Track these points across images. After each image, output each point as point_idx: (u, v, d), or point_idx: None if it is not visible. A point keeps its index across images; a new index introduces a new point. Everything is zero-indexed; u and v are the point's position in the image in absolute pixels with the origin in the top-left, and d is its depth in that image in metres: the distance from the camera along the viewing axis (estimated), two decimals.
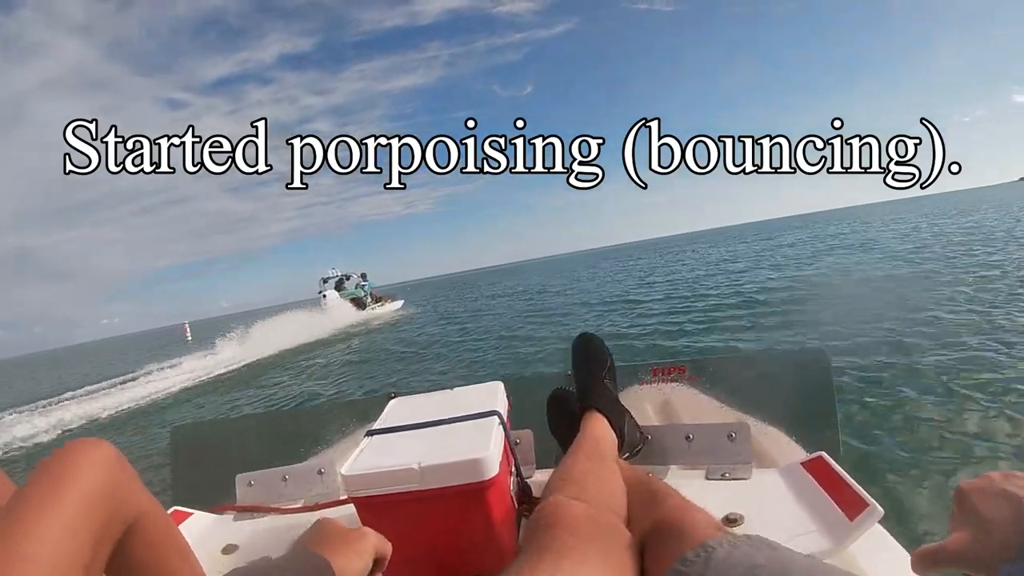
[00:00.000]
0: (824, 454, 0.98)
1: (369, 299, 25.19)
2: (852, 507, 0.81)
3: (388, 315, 22.38)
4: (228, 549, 1.10)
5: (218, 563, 1.05)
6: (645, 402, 1.39)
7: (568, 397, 1.21)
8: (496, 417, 0.96)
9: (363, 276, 27.46)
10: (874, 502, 0.78)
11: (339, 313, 21.10)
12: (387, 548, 0.66)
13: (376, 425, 1.04)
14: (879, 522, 0.78)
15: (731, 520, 0.88)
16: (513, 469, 1.01)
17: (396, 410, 1.11)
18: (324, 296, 24.46)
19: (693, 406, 1.36)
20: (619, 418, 1.11)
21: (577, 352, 1.27)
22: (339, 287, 26.34)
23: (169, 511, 1.21)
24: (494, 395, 1.08)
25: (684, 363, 1.40)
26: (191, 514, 1.24)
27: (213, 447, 1.62)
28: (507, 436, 0.99)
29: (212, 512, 1.29)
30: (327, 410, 1.62)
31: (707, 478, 1.08)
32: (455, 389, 1.20)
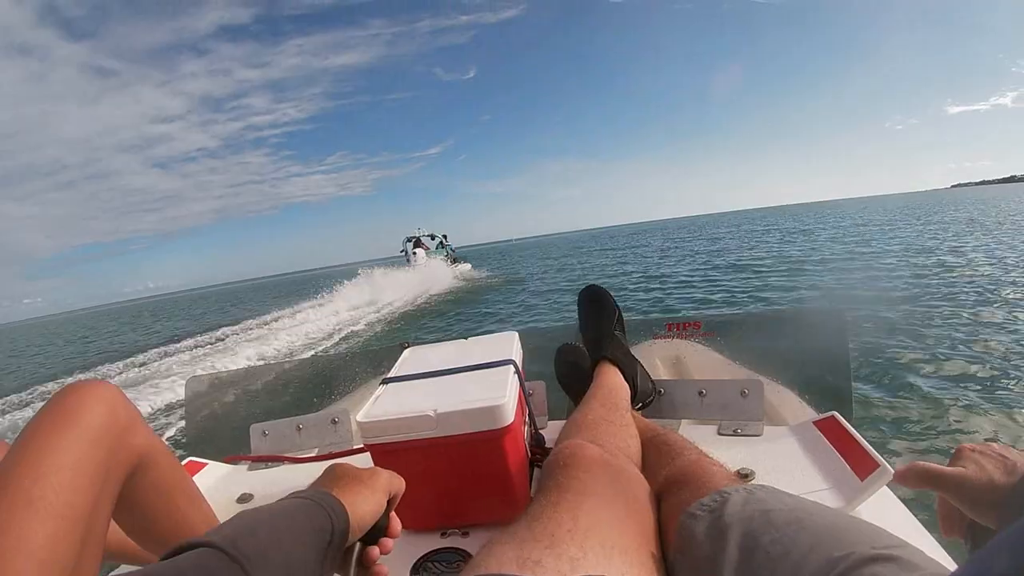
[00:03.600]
0: (836, 414, 0.98)
1: (449, 258, 26.92)
2: (863, 467, 0.81)
3: (467, 272, 24.06)
4: (243, 498, 1.12)
5: (233, 512, 1.06)
6: (658, 357, 1.39)
7: (576, 350, 1.21)
8: (512, 366, 0.96)
9: (445, 237, 29.66)
10: (885, 462, 0.78)
11: (433, 270, 22.14)
12: (400, 485, 0.64)
13: (391, 374, 1.04)
14: (887, 484, 0.78)
15: (743, 475, 0.88)
16: (527, 419, 1.01)
17: (411, 359, 1.11)
18: (414, 254, 26.03)
19: (707, 362, 1.35)
20: (631, 368, 1.11)
21: (585, 304, 1.26)
22: (417, 246, 27.69)
23: (184, 462, 1.23)
24: (510, 345, 1.08)
25: (699, 319, 1.39)
26: (206, 464, 1.26)
27: (228, 398, 1.63)
28: (522, 386, 0.99)
29: (226, 462, 1.31)
30: (340, 360, 1.62)
31: (719, 433, 1.08)
32: (469, 339, 1.19)
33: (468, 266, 26.41)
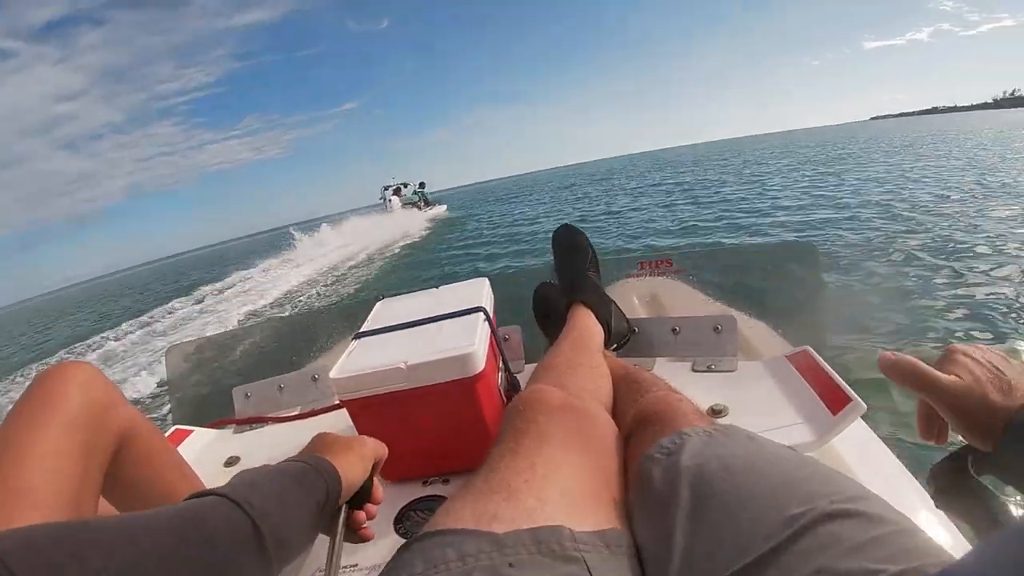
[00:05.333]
0: (809, 348, 0.98)
1: (422, 203, 29.12)
2: (836, 401, 0.81)
3: (442, 214, 26.45)
4: (230, 462, 1.13)
5: (221, 476, 1.08)
6: (632, 295, 1.39)
7: (553, 290, 1.20)
8: (481, 313, 0.96)
9: (421, 184, 31.82)
10: (857, 397, 0.78)
11: (404, 215, 24.58)
12: (384, 452, 0.67)
13: (363, 327, 1.03)
14: (861, 417, 0.78)
15: (716, 411, 0.90)
16: (501, 364, 1.02)
17: (383, 311, 1.11)
18: (389, 201, 28.62)
19: (680, 299, 1.36)
20: (605, 309, 1.10)
21: (558, 245, 1.24)
22: (396, 193, 30.26)
23: (170, 431, 1.23)
24: (479, 292, 1.07)
25: (671, 256, 1.38)
26: (191, 431, 1.26)
27: (208, 363, 1.63)
28: (494, 332, 0.99)
29: (212, 427, 1.31)
30: (317, 316, 1.61)
31: (693, 370, 1.09)
32: (440, 288, 1.19)
33: (443, 207, 28.49)
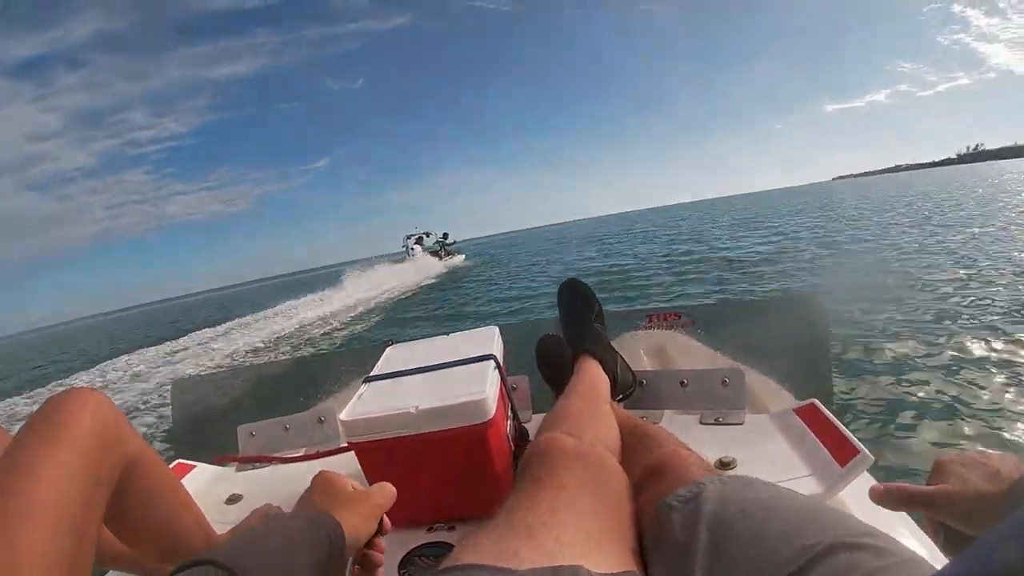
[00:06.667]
0: (816, 401, 0.99)
1: (443, 252, 30.90)
2: (843, 453, 0.81)
3: (460, 263, 28.20)
4: (232, 499, 1.12)
5: (223, 513, 1.07)
6: (640, 347, 1.40)
7: (558, 342, 1.21)
8: (492, 361, 0.97)
9: (444, 235, 33.96)
10: (865, 449, 0.78)
11: (427, 262, 26.56)
12: (392, 497, 0.65)
13: (374, 372, 1.04)
14: (868, 470, 0.79)
15: (724, 464, 0.90)
16: (510, 413, 1.02)
17: (393, 357, 1.12)
18: (413, 250, 30.98)
19: (688, 352, 1.37)
20: (611, 361, 1.11)
21: (564, 298, 1.26)
22: (419, 242, 32.75)
23: (173, 464, 1.23)
24: (490, 340, 1.09)
25: (680, 310, 1.40)
26: (195, 466, 1.26)
27: (214, 400, 1.63)
28: (503, 380, 1.00)
29: (215, 464, 1.31)
30: (326, 359, 1.62)
31: (701, 423, 1.10)
32: (451, 335, 1.20)
33: (461, 257, 30.09)
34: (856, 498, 0.79)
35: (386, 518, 0.65)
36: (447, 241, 33.34)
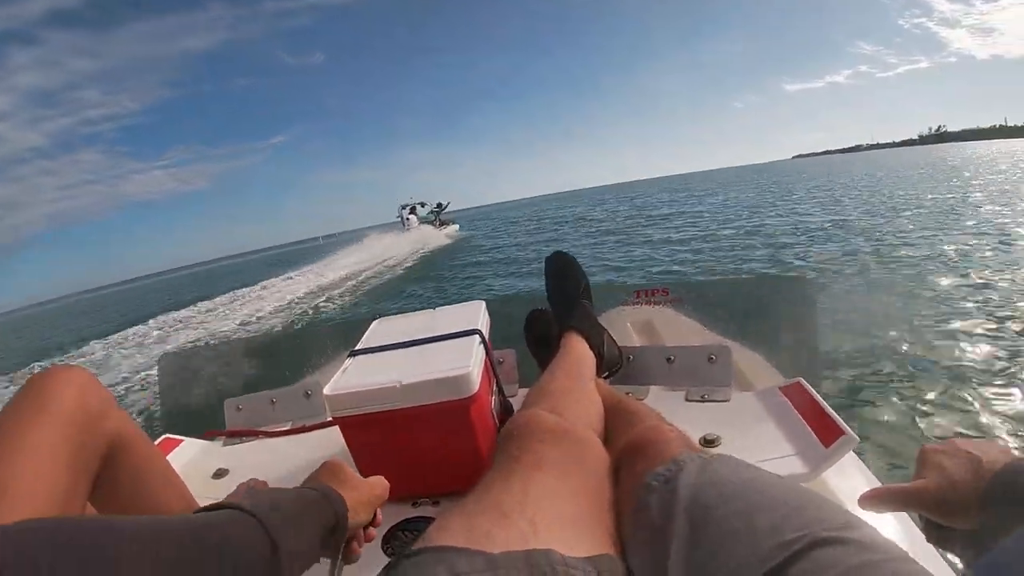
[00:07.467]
0: (802, 380, 0.99)
1: (437, 223, 30.29)
2: (828, 434, 0.81)
3: (455, 233, 28.08)
4: (219, 473, 1.12)
5: (209, 487, 1.07)
6: (627, 323, 1.40)
7: (546, 317, 1.20)
8: (477, 336, 0.96)
9: (439, 204, 33.24)
10: (850, 430, 0.78)
11: (424, 232, 26.41)
12: (386, 495, 0.69)
13: (359, 346, 1.04)
14: (853, 451, 0.79)
15: (709, 441, 0.90)
16: (495, 387, 1.02)
17: (379, 331, 1.11)
18: (408, 219, 30.46)
19: (675, 328, 1.36)
20: (597, 337, 1.10)
21: (551, 272, 1.25)
22: (413, 212, 31.88)
23: (160, 439, 1.23)
24: (476, 314, 1.08)
25: (668, 285, 1.40)
26: (181, 441, 1.25)
27: (201, 374, 1.62)
28: (489, 355, 0.99)
29: (202, 438, 1.30)
30: (313, 333, 1.61)
31: (687, 399, 1.10)
32: (437, 309, 1.19)
33: (456, 227, 29.75)
34: (840, 479, 0.80)
35: (379, 511, 0.68)
36: (442, 210, 32.98)
